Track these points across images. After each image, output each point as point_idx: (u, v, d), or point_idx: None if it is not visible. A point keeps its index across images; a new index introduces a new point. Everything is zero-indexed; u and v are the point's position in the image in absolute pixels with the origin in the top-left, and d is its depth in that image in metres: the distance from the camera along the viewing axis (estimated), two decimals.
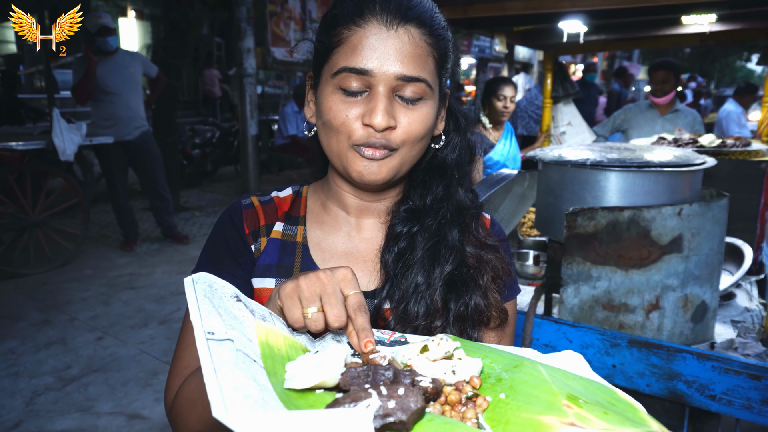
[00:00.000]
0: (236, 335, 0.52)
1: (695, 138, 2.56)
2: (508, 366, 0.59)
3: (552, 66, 3.40)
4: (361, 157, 0.74)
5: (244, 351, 0.50)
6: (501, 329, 0.84)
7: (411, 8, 0.72)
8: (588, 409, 0.48)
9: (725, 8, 2.34)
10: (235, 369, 0.45)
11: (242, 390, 0.43)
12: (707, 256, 1.70)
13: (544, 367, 0.57)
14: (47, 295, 3.81)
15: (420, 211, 0.82)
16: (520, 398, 0.52)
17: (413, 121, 0.73)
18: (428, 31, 0.73)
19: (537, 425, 0.47)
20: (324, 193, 0.88)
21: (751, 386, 1.48)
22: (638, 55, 21.06)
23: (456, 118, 0.87)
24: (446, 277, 0.78)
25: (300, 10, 7.49)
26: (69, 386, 2.70)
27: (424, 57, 0.72)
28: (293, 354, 0.58)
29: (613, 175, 1.67)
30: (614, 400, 0.53)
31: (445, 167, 0.85)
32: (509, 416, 0.50)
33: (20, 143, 4.05)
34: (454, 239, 0.80)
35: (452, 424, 0.47)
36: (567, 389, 0.52)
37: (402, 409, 0.45)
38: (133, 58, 4.61)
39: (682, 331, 1.73)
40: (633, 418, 0.50)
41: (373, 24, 0.71)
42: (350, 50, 0.71)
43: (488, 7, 2.00)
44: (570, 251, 1.69)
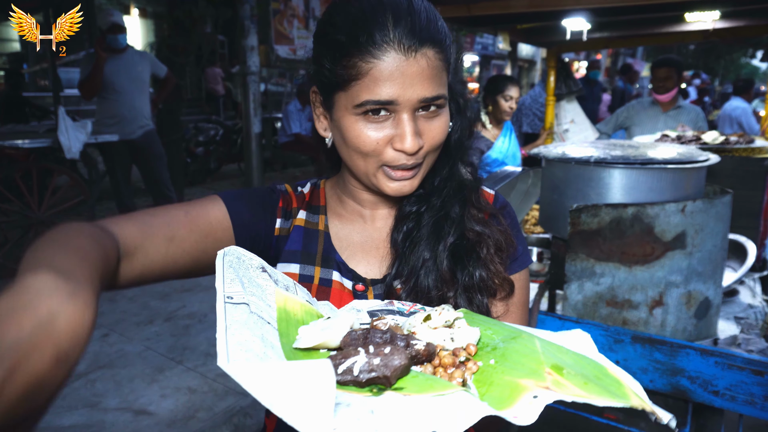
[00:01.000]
0: (255, 300, 0.57)
1: (698, 135, 2.56)
2: (506, 337, 0.62)
3: (555, 63, 3.40)
4: (392, 180, 0.78)
5: (259, 314, 0.56)
6: (508, 299, 0.86)
7: (423, 30, 0.72)
8: (569, 378, 0.51)
9: (729, 5, 2.34)
10: (243, 328, 0.51)
11: (245, 345, 0.48)
12: (710, 252, 1.71)
13: (540, 341, 0.60)
14: None
15: (428, 193, 0.86)
16: (508, 364, 0.55)
17: (435, 128, 0.77)
18: (440, 48, 0.75)
19: (515, 386, 0.50)
20: (339, 189, 0.92)
21: (755, 382, 1.49)
22: (642, 52, 20.98)
23: (456, 100, 0.89)
24: (450, 248, 0.81)
25: (303, 8, 7.50)
26: (76, 382, 2.73)
27: (440, 72, 0.75)
28: (308, 319, 0.63)
29: (617, 172, 1.68)
30: (602, 374, 0.55)
31: (449, 149, 0.88)
32: (493, 379, 0.53)
33: (26, 141, 4.08)
34: (456, 213, 0.84)
35: (433, 380, 0.51)
36: (555, 360, 0.55)
37: (386, 365, 0.50)
38: (142, 57, 4.63)
39: (685, 327, 1.74)
40: (615, 391, 0.51)
41: (391, 54, 0.70)
42: (372, 83, 0.71)
43: (492, 5, 2.01)
44: (574, 248, 1.70)
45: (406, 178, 0.78)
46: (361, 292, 0.84)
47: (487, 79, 14.51)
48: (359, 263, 0.87)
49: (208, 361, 2.96)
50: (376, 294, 0.84)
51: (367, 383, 0.49)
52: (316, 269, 0.85)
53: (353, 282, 0.85)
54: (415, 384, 0.51)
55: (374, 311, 0.74)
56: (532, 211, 2.79)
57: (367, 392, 0.49)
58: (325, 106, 0.82)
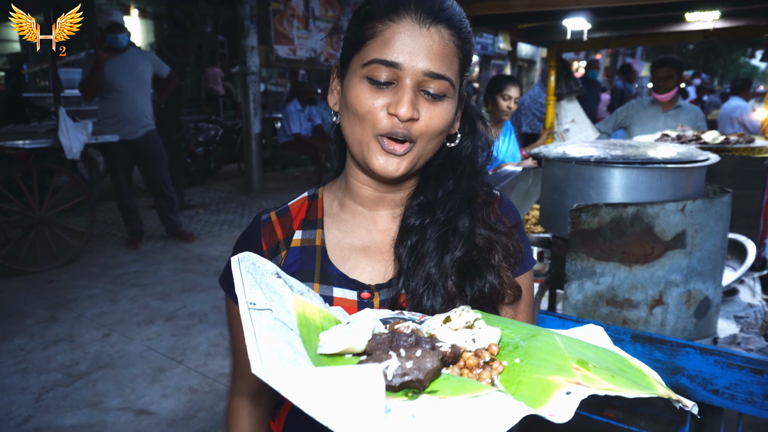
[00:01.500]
0: (275, 306, 0.57)
1: (698, 134, 2.57)
2: (526, 336, 0.62)
3: (556, 63, 3.40)
4: (382, 150, 0.77)
5: (282, 320, 0.55)
6: (515, 304, 0.87)
7: (443, 10, 0.76)
8: (596, 372, 0.51)
9: (729, 5, 2.34)
10: (272, 334, 0.51)
11: (277, 351, 0.48)
12: (710, 251, 1.71)
13: (559, 337, 0.60)
14: (54, 293, 3.84)
15: (431, 205, 0.85)
16: (533, 362, 0.55)
17: (434, 115, 0.76)
18: (457, 33, 0.77)
19: (545, 384, 0.50)
20: (340, 191, 0.91)
21: (754, 381, 1.49)
22: (641, 52, 20.99)
23: (471, 119, 0.90)
24: (457, 262, 0.80)
25: (303, 8, 7.50)
26: (77, 382, 2.73)
27: (450, 57, 0.76)
28: (327, 325, 0.63)
29: (617, 171, 1.69)
30: (625, 366, 0.56)
31: (458, 162, 0.88)
32: (521, 377, 0.53)
33: (27, 141, 4.08)
34: (464, 226, 0.83)
35: (466, 382, 0.51)
36: (578, 355, 0.55)
37: (419, 368, 0.49)
38: (144, 57, 4.62)
39: (685, 326, 1.75)
40: (641, 382, 0.52)
41: (407, 21, 0.74)
42: (383, 43, 0.74)
43: (493, 5, 2.01)
44: (574, 247, 1.71)
45: (396, 153, 0.76)
46: (367, 300, 0.83)
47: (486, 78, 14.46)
48: (363, 270, 0.85)
49: (208, 361, 2.96)
50: (381, 300, 0.84)
51: (401, 387, 0.49)
52: (315, 286, 0.84)
53: (357, 291, 0.84)
54: (448, 386, 0.50)
55: (386, 319, 0.73)
56: (532, 211, 2.79)
57: (402, 396, 0.48)
58: (340, 76, 0.84)
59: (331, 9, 7.91)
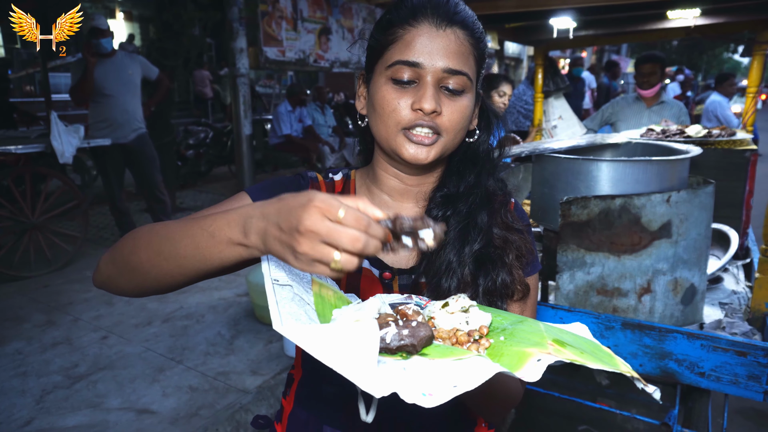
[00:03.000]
0: (295, 284, 0.64)
1: (683, 129, 2.65)
2: (514, 322, 0.71)
3: (543, 61, 3.47)
4: (410, 142, 0.83)
5: (300, 296, 0.63)
6: (523, 301, 0.94)
7: (457, 13, 0.83)
8: (568, 347, 0.60)
9: (709, 3, 2.42)
10: (291, 303, 0.59)
11: (294, 315, 0.57)
12: (695, 240, 1.78)
13: (543, 324, 0.68)
14: (50, 297, 3.84)
15: (454, 197, 0.91)
16: (515, 340, 0.64)
17: (455, 110, 0.83)
18: (470, 33, 0.84)
19: (522, 354, 0.59)
20: (369, 179, 0.97)
21: (738, 362, 1.56)
22: (627, 49, 21.22)
23: (487, 116, 0.97)
24: (475, 254, 0.87)
25: (291, 9, 7.51)
26: (77, 384, 2.75)
27: (466, 54, 0.83)
28: (340, 303, 0.70)
29: (605, 165, 1.75)
30: (597, 350, 0.63)
31: (477, 158, 0.94)
32: (504, 351, 0.62)
33: (20, 147, 4.08)
34: (483, 221, 0.89)
35: (453, 349, 0.60)
36: (556, 336, 0.63)
37: (413, 335, 0.59)
38: (132, 60, 4.62)
39: (672, 313, 1.81)
40: (607, 361, 0.59)
41: (425, 24, 0.81)
42: (404, 46, 0.81)
43: (481, 5, 2.07)
44: (564, 239, 1.77)
45: (424, 143, 0.83)
46: (388, 280, 0.90)
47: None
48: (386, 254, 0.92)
49: (207, 360, 2.99)
50: (401, 284, 0.90)
51: (397, 350, 0.57)
52: None
53: (381, 270, 0.90)
54: (438, 351, 0.59)
55: (395, 303, 0.80)
56: (523, 206, 2.86)
57: (398, 357, 0.57)
58: (366, 82, 0.90)
59: (319, 10, 7.93)
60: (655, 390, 0.59)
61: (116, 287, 0.78)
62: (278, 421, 1.00)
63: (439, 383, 0.50)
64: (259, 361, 2.98)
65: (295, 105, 7.50)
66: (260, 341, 3.20)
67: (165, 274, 0.71)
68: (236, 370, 2.90)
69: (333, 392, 0.91)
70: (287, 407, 0.97)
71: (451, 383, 0.50)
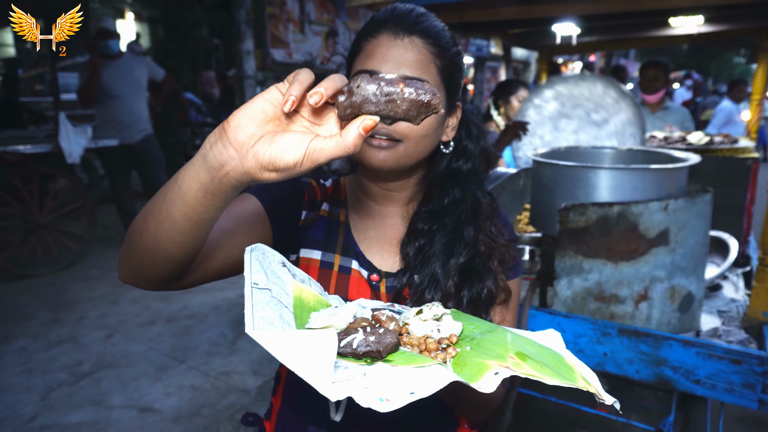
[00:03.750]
0: (275, 288, 0.67)
1: (684, 136, 2.65)
2: (484, 331, 0.73)
3: (547, 66, 3.48)
4: (370, 146, 0.85)
5: (279, 299, 0.65)
6: (505, 305, 0.96)
7: (417, 24, 0.85)
8: (528, 362, 0.62)
9: (712, 11, 2.42)
10: (266, 307, 0.61)
11: (267, 319, 0.59)
12: (693, 248, 1.79)
13: (511, 334, 0.70)
14: (56, 295, 3.89)
15: (439, 212, 0.93)
16: (480, 350, 0.66)
17: None
18: (432, 42, 0.85)
19: (482, 365, 0.61)
20: (356, 185, 1.00)
21: (733, 370, 1.57)
22: (635, 54, 21.15)
23: (468, 127, 0.98)
24: (460, 267, 0.89)
25: (298, 12, 7.57)
26: (82, 381, 2.79)
27: (426, 63, 0.84)
28: (318, 307, 0.73)
29: (603, 172, 1.76)
30: (559, 363, 0.65)
31: (460, 174, 0.95)
32: (467, 361, 0.64)
33: (28, 146, 4.14)
34: (469, 235, 0.91)
35: (417, 356, 0.62)
36: (520, 349, 0.65)
37: (379, 342, 0.61)
38: (139, 61, 4.68)
39: (669, 320, 1.82)
40: (566, 375, 0.62)
41: (384, 35, 0.85)
42: (365, 56, 0.85)
43: (483, 12, 2.09)
44: (563, 245, 1.78)
45: (381, 147, 0.84)
46: (376, 282, 0.92)
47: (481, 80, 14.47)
48: (374, 256, 0.95)
49: (210, 360, 3.02)
50: (388, 286, 0.93)
51: (363, 355, 0.60)
52: (336, 257, 0.93)
53: (369, 272, 0.93)
54: (402, 358, 0.61)
55: (377, 309, 0.82)
56: (524, 212, 2.87)
57: (363, 362, 0.60)
58: None
59: (326, 12, 7.98)
60: (614, 402, 0.61)
61: (139, 275, 0.76)
62: (267, 418, 1.03)
63: (397, 389, 0.52)
64: (261, 362, 3.01)
65: None
66: None
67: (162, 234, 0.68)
68: (238, 370, 2.93)
69: (316, 392, 0.93)
70: (276, 405, 1.01)
71: (408, 389, 0.52)
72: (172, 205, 0.65)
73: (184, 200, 0.63)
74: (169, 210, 0.65)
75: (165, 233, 0.67)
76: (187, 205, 0.63)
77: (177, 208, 0.64)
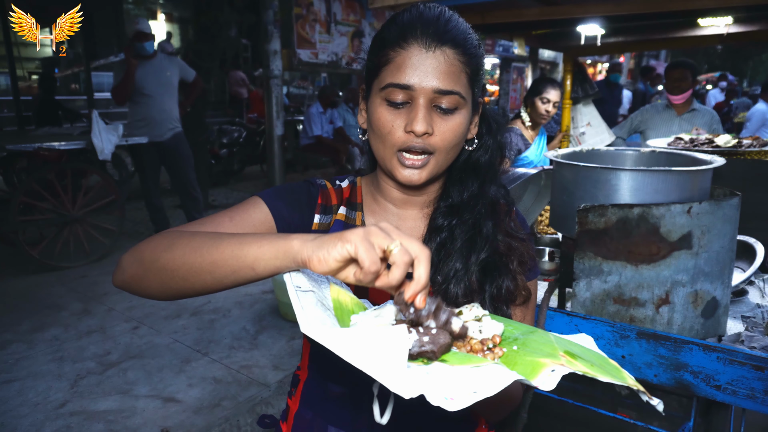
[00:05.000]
0: (316, 290, 0.68)
1: (711, 138, 2.60)
2: (525, 332, 0.73)
3: (571, 67, 3.45)
4: (403, 166, 0.86)
5: (321, 302, 0.66)
6: (525, 305, 0.97)
7: (447, 32, 0.84)
8: (578, 360, 0.62)
9: (741, 11, 2.37)
10: (315, 308, 0.63)
11: (320, 319, 0.60)
12: (718, 253, 1.75)
13: (553, 335, 0.71)
14: (87, 287, 4.03)
15: (458, 206, 0.93)
16: (528, 350, 0.66)
17: (448, 129, 0.85)
18: (462, 51, 0.85)
19: (536, 364, 0.62)
20: (373, 187, 1.01)
21: (755, 377, 1.54)
22: (666, 54, 20.68)
23: (488, 122, 0.98)
24: (481, 262, 0.89)
25: (325, 12, 7.64)
26: (109, 371, 2.88)
27: (457, 73, 0.84)
28: (357, 309, 0.73)
29: (624, 174, 1.75)
30: (604, 362, 0.66)
31: (479, 166, 0.96)
32: (517, 360, 0.64)
33: (62, 143, 4.28)
34: (488, 231, 0.91)
35: (470, 357, 0.63)
36: (566, 348, 0.66)
37: (433, 342, 0.61)
38: (171, 62, 4.80)
39: (692, 326, 1.79)
40: (615, 374, 0.62)
41: (414, 46, 0.83)
42: (396, 69, 0.83)
43: (505, 14, 2.09)
44: (581, 246, 1.77)
45: (415, 166, 0.85)
46: None
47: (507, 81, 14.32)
48: None
49: (232, 354, 3.09)
50: None
51: (418, 356, 0.60)
52: None
53: None
54: (456, 358, 0.62)
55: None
56: (545, 212, 2.85)
57: (419, 362, 0.60)
58: (365, 98, 0.93)
59: (352, 13, 8.03)
60: (658, 403, 0.61)
61: (141, 289, 0.77)
62: (284, 420, 1.03)
63: (461, 388, 0.53)
64: (281, 357, 3.06)
65: (326, 106, 7.61)
66: (283, 337, 3.29)
67: (200, 277, 0.72)
68: (259, 364, 2.99)
69: (339, 393, 0.94)
70: (293, 407, 1.01)
71: (471, 389, 0.52)
72: (224, 270, 0.70)
73: (241, 276, 0.70)
74: (216, 273, 0.71)
75: (202, 279, 0.72)
76: (240, 278, 0.70)
77: (228, 276, 0.70)
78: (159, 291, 0.76)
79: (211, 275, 0.70)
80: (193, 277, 0.72)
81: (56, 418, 2.47)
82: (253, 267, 0.68)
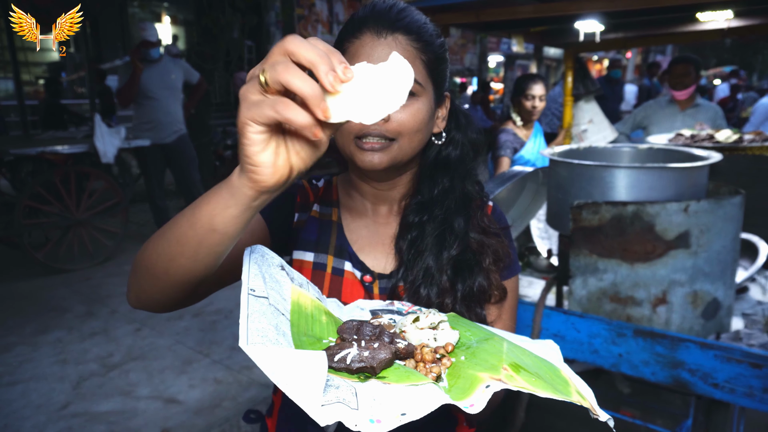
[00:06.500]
0: (273, 294, 0.66)
1: (712, 133, 2.57)
2: (481, 339, 0.71)
3: (572, 64, 3.43)
4: (362, 150, 0.84)
5: (276, 306, 0.64)
6: (500, 304, 0.95)
7: (399, 20, 0.84)
8: (521, 375, 0.60)
9: (741, 5, 2.34)
10: (262, 317, 0.60)
11: (261, 332, 0.58)
12: (719, 253, 1.70)
13: (507, 343, 0.69)
14: (90, 289, 4.06)
15: (429, 203, 0.92)
16: (474, 361, 0.65)
17: (405, 114, 0.83)
18: (415, 38, 0.84)
19: (474, 378, 0.60)
20: (348, 184, 1.01)
21: (753, 374, 1.52)
22: (672, 49, 20.50)
23: (457, 117, 0.97)
24: (453, 259, 0.88)
25: (327, 13, 7.65)
26: (111, 372, 2.90)
27: (411, 59, 0.83)
28: (316, 313, 0.72)
29: (618, 171, 1.73)
30: (554, 375, 0.64)
31: (449, 162, 0.94)
32: (461, 372, 0.63)
33: (66, 147, 4.32)
34: (459, 227, 0.90)
35: (411, 373, 0.61)
36: (515, 360, 0.64)
37: (373, 358, 0.59)
38: (176, 65, 4.83)
39: (692, 326, 1.75)
40: (560, 388, 0.60)
41: (367, 35, 0.84)
42: (350, 58, 0.83)
43: (500, 11, 2.07)
44: (577, 243, 1.76)
45: (374, 149, 0.84)
46: (369, 284, 0.92)
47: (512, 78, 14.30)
48: (367, 256, 0.94)
49: (233, 355, 3.10)
50: (381, 287, 0.92)
51: (357, 371, 0.59)
52: (329, 258, 0.93)
53: (362, 273, 0.92)
54: (396, 374, 0.60)
55: (376, 310, 0.82)
56: None
57: (356, 378, 0.59)
58: None
59: None
60: (609, 419, 0.60)
61: (147, 299, 0.75)
62: (269, 415, 1.04)
63: (388, 410, 0.52)
64: None
65: None
66: None
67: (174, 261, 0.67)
68: None
69: None
70: (277, 402, 1.02)
71: (400, 410, 0.52)
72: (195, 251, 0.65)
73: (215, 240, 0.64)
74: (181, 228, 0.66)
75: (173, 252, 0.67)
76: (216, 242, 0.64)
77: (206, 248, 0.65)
78: (160, 297, 0.73)
79: (182, 256, 0.66)
80: (171, 268, 0.67)
81: (58, 419, 2.49)
82: (212, 227, 0.62)
